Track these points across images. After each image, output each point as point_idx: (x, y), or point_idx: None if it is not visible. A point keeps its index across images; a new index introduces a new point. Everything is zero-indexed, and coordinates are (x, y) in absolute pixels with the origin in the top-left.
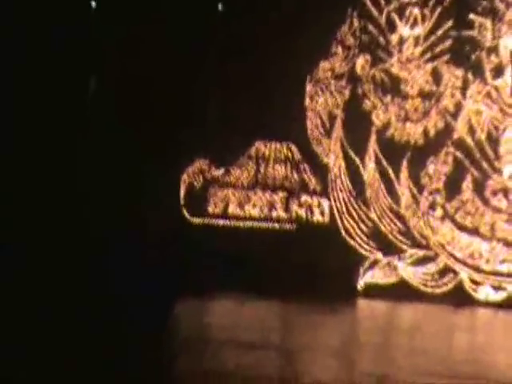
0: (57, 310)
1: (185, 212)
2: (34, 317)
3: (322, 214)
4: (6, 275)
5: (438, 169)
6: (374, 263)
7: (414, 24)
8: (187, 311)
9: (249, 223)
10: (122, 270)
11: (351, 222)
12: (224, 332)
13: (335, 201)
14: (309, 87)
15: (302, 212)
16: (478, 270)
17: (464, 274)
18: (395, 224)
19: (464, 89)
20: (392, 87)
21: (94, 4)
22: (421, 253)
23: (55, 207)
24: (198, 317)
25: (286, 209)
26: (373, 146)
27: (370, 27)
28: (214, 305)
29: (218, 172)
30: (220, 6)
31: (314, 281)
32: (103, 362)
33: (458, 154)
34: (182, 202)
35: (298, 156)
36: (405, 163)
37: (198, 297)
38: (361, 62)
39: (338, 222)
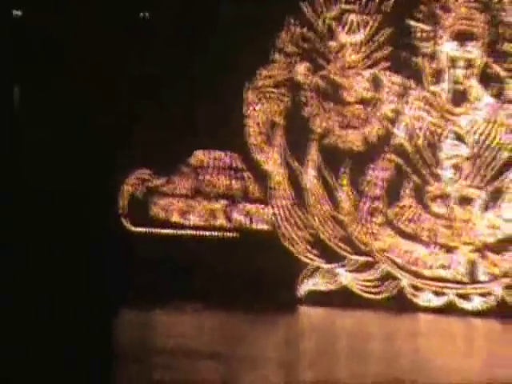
0: None
1: (126, 221)
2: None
3: (264, 221)
4: None
5: (378, 175)
6: (315, 270)
7: (354, 31)
8: (130, 321)
9: (191, 232)
10: (64, 281)
11: (292, 229)
12: (167, 341)
13: (276, 208)
14: (249, 95)
15: (244, 220)
16: (418, 275)
17: (405, 280)
18: (336, 231)
19: (403, 95)
20: (332, 94)
21: (17, 12)
22: (362, 259)
23: None
24: (140, 327)
25: (228, 217)
26: (313, 153)
27: (310, 34)
28: (157, 314)
29: (159, 181)
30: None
31: (256, 289)
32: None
33: (398, 160)
34: (123, 211)
35: (238, 164)
36: (345, 170)
37: (141, 307)
38: (301, 69)
39: (280, 229)
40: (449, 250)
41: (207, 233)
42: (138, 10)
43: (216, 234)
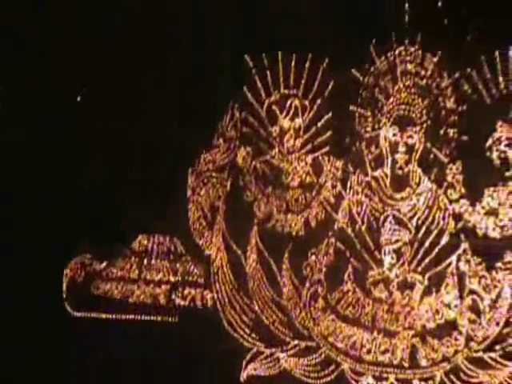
0: None
1: (67, 306)
2: None
3: (205, 306)
4: None
5: (319, 260)
6: (257, 355)
7: (295, 116)
8: None
9: (132, 316)
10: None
11: (234, 314)
12: None
13: (218, 293)
14: (191, 180)
15: (185, 304)
16: (359, 360)
17: (345, 365)
18: (277, 315)
19: (344, 180)
20: (273, 179)
21: None
22: (303, 344)
23: None
24: None
25: (170, 301)
26: (254, 237)
27: (251, 119)
28: None
29: (101, 266)
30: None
31: (197, 373)
32: None
33: (339, 244)
34: (64, 295)
35: (180, 249)
36: (286, 254)
37: None
38: (242, 153)
39: (221, 314)
40: (389, 334)
41: (148, 317)
42: None
43: (157, 318)
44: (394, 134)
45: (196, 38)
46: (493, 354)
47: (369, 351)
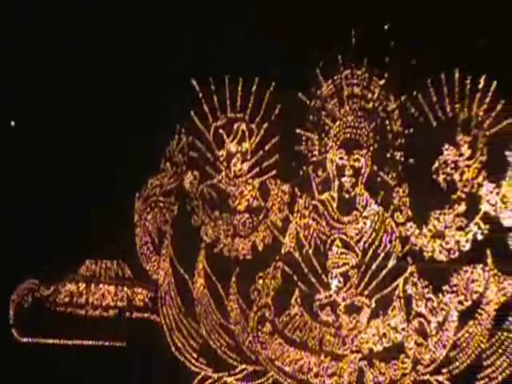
0: None
1: (14, 332)
2: None
3: (153, 331)
4: None
5: (266, 284)
6: (205, 379)
7: (242, 139)
8: None
9: (79, 342)
10: None
11: (181, 338)
12: None
13: (165, 317)
14: (138, 204)
15: (134, 329)
16: None
17: None
18: (225, 340)
19: (292, 204)
20: (220, 203)
21: None
22: (250, 368)
23: None
24: None
25: (117, 326)
26: (202, 261)
27: (198, 143)
28: None
29: (48, 291)
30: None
31: None
32: None
33: (287, 268)
34: (11, 321)
35: (128, 273)
36: (234, 278)
37: None
38: (189, 178)
39: (168, 338)
40: (336, 358)
41: (95, 342)
42: None
43: (105, 342)
44: (341, 158)
45: (143, 62)
46: (440, 377)
47: (316, 375)
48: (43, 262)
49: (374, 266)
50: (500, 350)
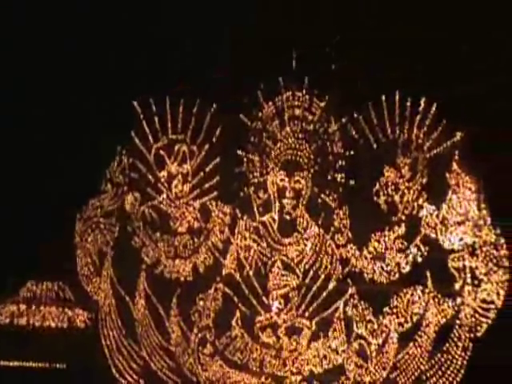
0: None
1: None
2: None
3: (95, 353)
4: None
5: (207, 305)
6: None
7: (183, 161)
8: None
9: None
10: None
11: (122, 360)
12: None
13: (106, 339)
14: (78, 225)
15: (74, 351)
16: None
17: None
18: (165, 361)
19: (232, 225)
20: (161, 224)
21: None
22: None
23: None
24: None
25: (57, 350)
26: (143, 283)
27: (139, 164)
28: None
29: None
30: None
31: None
32: None
33: (227, 290)
34: None
35: (69, 295)
36: (174, 300)
37: None
38: (130, 199)
39: (109, 360)
40: (277, 379)
41: (37, 364)
42: None
43: (45, 364)
44: (282, 180)
45: (83, 84)
46: None
47: None
48: None
49: (314, 288)
50: (440, 372)
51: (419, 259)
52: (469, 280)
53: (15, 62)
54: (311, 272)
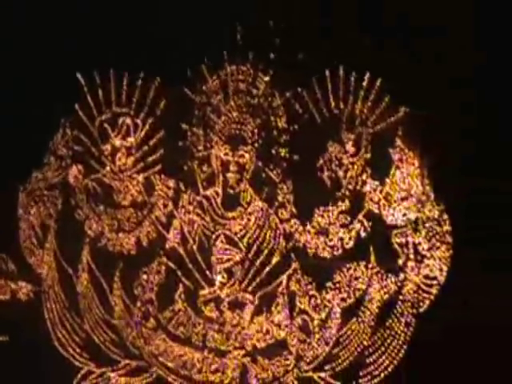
0: None
1: None
2: None
3: (37, 325)
4: None
5: (150, 279)
6: (88, 374)
7: (126, 134)
8: None
9: None
10: None
11: (64, 333)
12: None
13: (48, 312)
14: (22, 198)
15: (16, 324)
16: (190, 380)
17: None
18: (108, 335)
19: (176, 199)
20: (104, 197)
21: None
22: (134, 363)
23: None
24: None
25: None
26: (86, 256)
27: (83, 137)
28: None
29: None
30: None
31: None
32: None
33: (171, 263)
34: None
35: (11, 267)
36: (118, 273)
37: None
38: (73, 172)
39: (52, 333)
40: (220, 354)
41: None
42: None
43: None
44: (226, 154)
45: (29, 53)
46: (322, 374)
47: (199, 371)
48: None
49: (257, 263)
50: (382, 348)
51: (363, 234)
52: (412, 256)
53: None
54: (255, 246)
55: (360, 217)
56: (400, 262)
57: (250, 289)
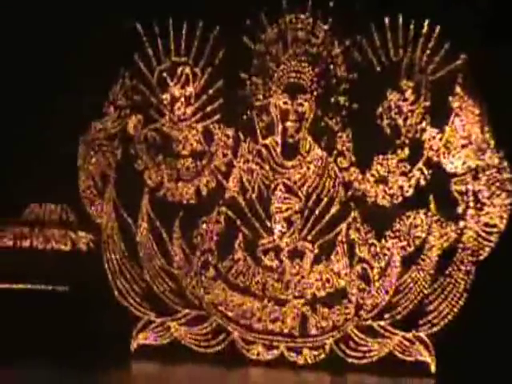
0: None
1: None
2: None
3: (96, 274)
4: None
5: (210, 228)
6: (148, 324)
7: (185, 84)
8: None
9: (23, 286)
10: None
11: (124, 282)
12: None
13: (108, 262)
14: (81, 148)
15: (77, 273)
16: (249, 329)
17: (236, 334)
18: (168, 284)
19: (235, 148)
20: (164, 147)
21: None
22: (193, 313)
23: None
24: None
25: (59, 272)
26: (145, 206)
27: (142, 87)
28: None
29: None
30: None
31: (88, 342)
32: None
33: (230, 213)
34: None
35: (71, 217)
36: (177, 223)
37: None
38: (133, 121)
39: (111, 282)
40: (279, 303)
41: (39, 286)
42: None
43: (47, 287)
44: (285, 102)
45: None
46: (382, 323)
47: (259, 320)
48: None
49: (317, 211)
50: (442, 296)
51: (422, 182)
52: (471, 203)
53: None
54: (314, 195)
55: (419, 165)
56: (460, 209)
57: (309, 238)
